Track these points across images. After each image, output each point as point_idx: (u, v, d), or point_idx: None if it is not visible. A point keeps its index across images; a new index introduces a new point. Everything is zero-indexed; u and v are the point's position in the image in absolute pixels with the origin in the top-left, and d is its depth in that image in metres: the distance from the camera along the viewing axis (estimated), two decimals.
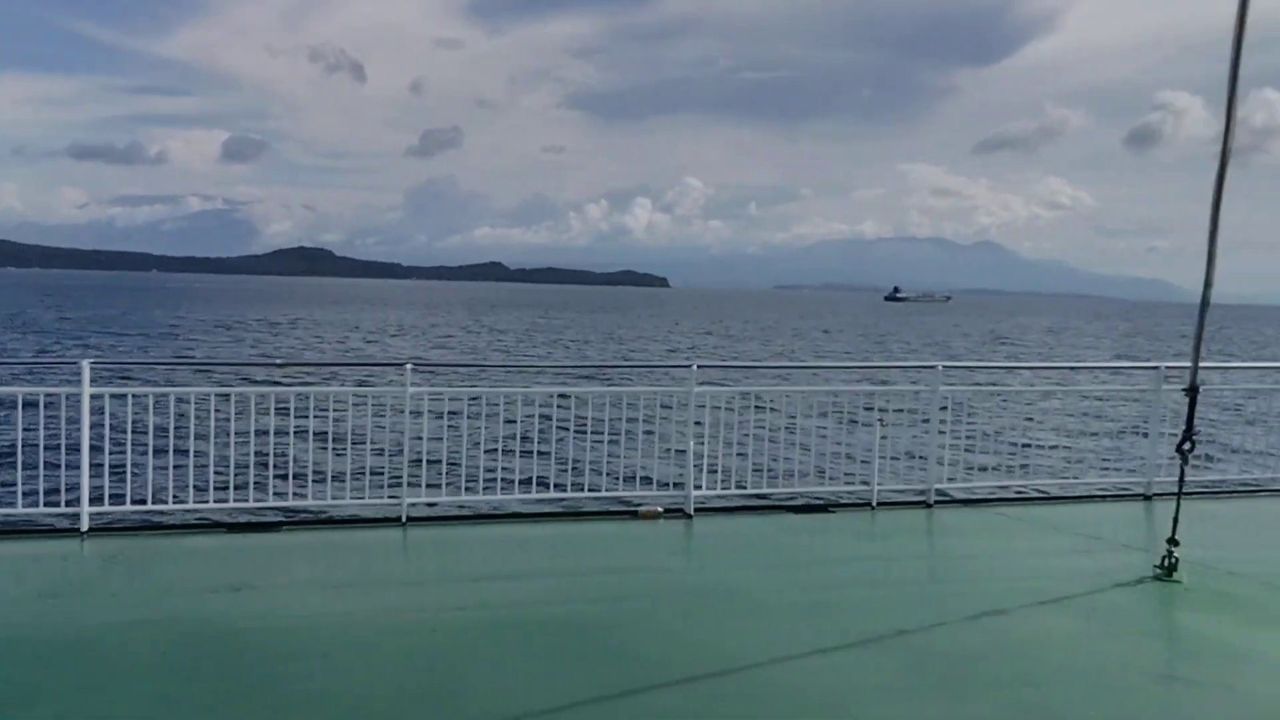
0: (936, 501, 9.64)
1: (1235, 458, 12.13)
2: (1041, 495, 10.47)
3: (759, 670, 5.32)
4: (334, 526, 8.59)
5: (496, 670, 5.24)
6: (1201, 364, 7.63)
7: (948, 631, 6.06)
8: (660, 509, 8.99)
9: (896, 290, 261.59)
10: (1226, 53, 6.81)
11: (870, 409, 9.78)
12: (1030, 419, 12.17)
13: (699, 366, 9.30)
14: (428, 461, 8.66)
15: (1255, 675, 5.48)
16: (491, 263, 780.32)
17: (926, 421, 9.78)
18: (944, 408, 9.79)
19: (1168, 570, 7.19)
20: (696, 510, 8.95)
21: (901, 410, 10.21)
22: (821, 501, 9.66)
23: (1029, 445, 11.41)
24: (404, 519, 8.41)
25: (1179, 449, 7.48)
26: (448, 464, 9.28)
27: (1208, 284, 7.16)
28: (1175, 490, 7.61)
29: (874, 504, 9.42)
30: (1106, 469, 10.91)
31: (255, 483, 8.37)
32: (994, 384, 11.88)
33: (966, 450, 10.22)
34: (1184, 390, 7.63)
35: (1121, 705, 5.02)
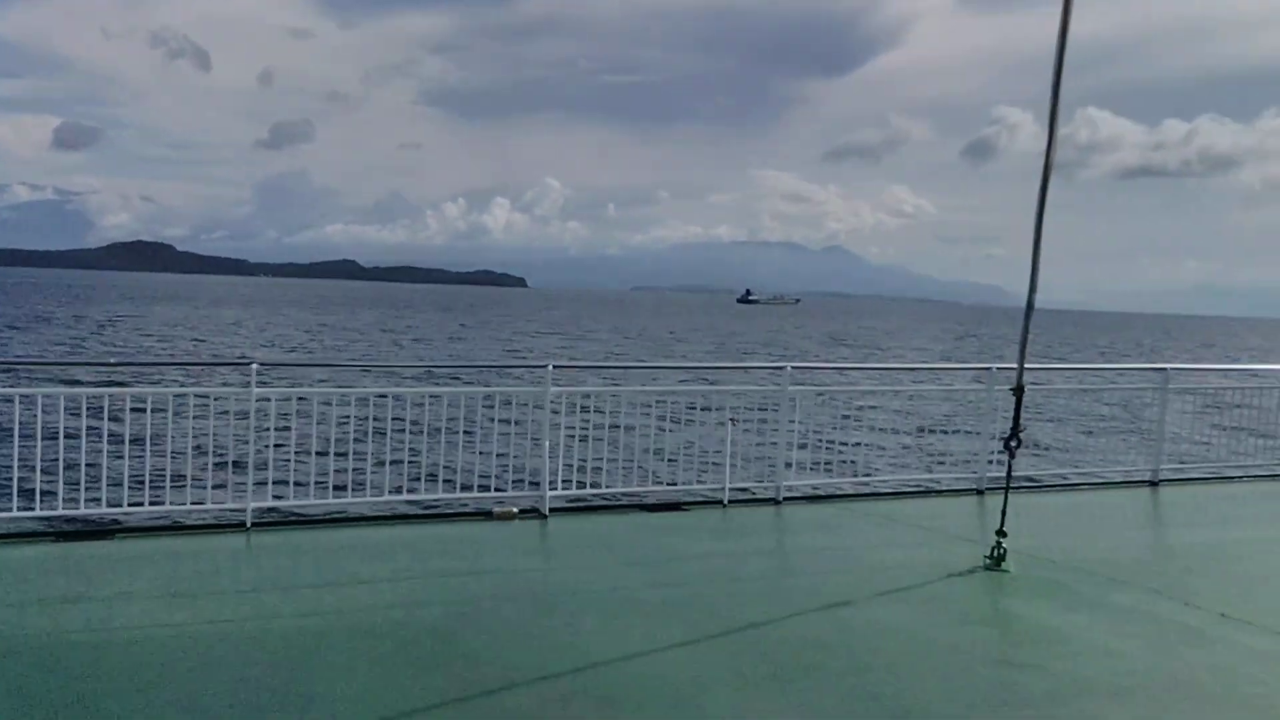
0: (785, 498, 9.93)
1: (1057, 453, 12.92)
2: (883, 491, 10.92)
3: (613, 668, 5.39)
4: (173, 533, 8.23)
5: (344, 679, 5.13)
6: (1027, 365, 8.13)
7: (794, 623, 6.28)
8: (515, 510, 8.97)
9: (749, 292, 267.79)
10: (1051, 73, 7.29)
11: (722, 408, 10.02)
12: (873, 418, 12.65)
13: (554, 367, 9.32)
14: (274, 464, 8.36)
15: (1071, 655, 5.87)
16: (345, 260, 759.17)
17: (776, 420, 10.06)
18: (793, 406, 10.10)
19: (997, 560, 7.62)
20: (552, 510, 8.97)
21: (752, 409, 10.48)
22: (675, 500, 9.83)
23: (872, 444, 11.89)
24: (248, 524, 8.13)
25: (1006, 445, 7.96)
26: (295, 467, 9.01)
27: (1032, 290, 7.64)
28: (1004, 484, 8.12)
29: (725, 501, 9.64)
30: (943, 465, 11.44)
31: (87, 489, 7.95)
32: (840, 385, 12.35)
33: (814, 448, 10.56)
34: (1011, 390, 8.11)
35: (955, 689, 5.30)
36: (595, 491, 9.58)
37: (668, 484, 9.91)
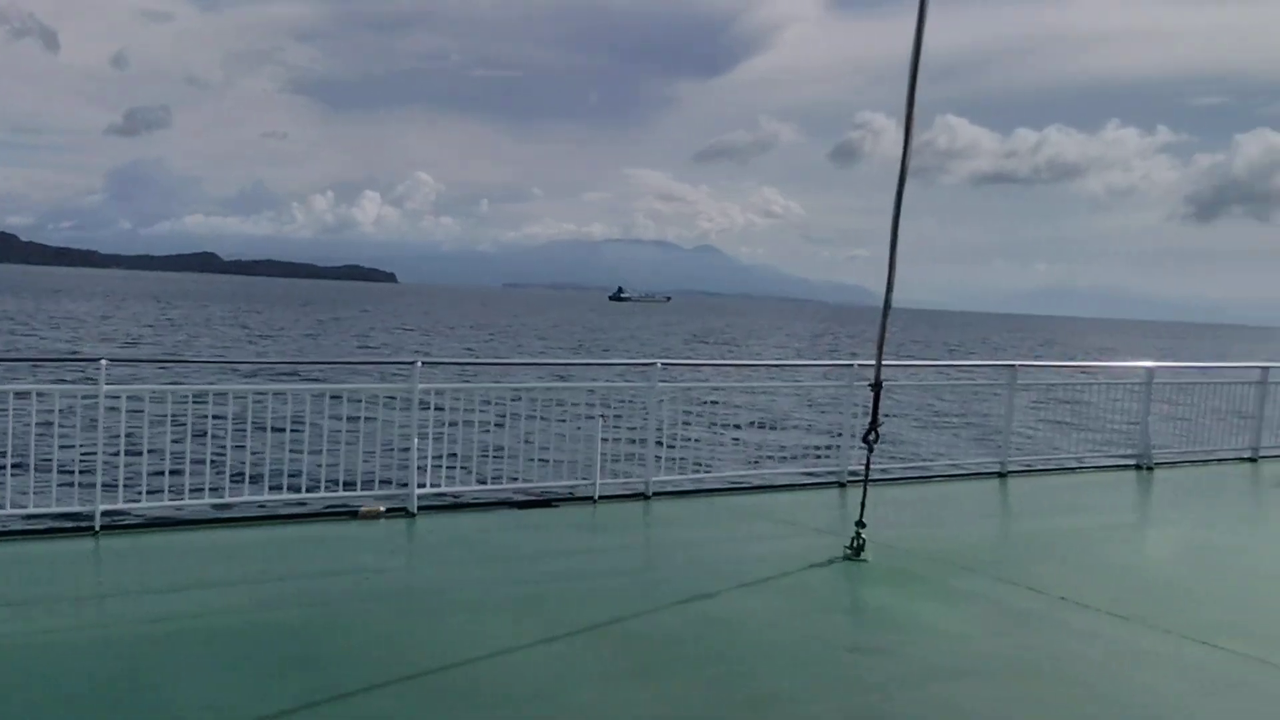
0: (655, 494, 10.04)
1: (913, 447, 13.44)
2: (749, 486, 11.15)
3: (475, 666, 5.37)
4: (13, 539, 7.80)
5: (197, 685, 4.97)
6: (885, 363, 8.44)
7: (657, 617, 6.37)
8: (382, 508, 8.82)
9: (621, 290, 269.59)
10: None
11: (593, 405, 10.06)
12: (740, 415, 12.93)
13: (424, 363, 9.20)
14: (125, 465, 8.00)
15: (919, 640, 6.14)
16: (203, 253, 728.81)
17: (645, 417, 10.16)
18: (661, 402, 10.23)
19: (856, 550, 7.89)
20: (420, 509, 8.86)
21: (622, 406, 10.57)
22: (545, 497, 9.83)
23: (738, 439, 12.14)
24: (97, 528, 7.77)
25: (865, 439, 8.24)
26: (149, 468, 8.64)
27: (889, 290, 7.93)
28: (864, 478, 8.41)
29: (595, 498, 9.69)
30: (808, 459, 11.76)
31: None
32: (708, 382, 12.57)
33: (682, 444, 10.72)
34: (869, 386, 8.41)
35: (810, 675, 5.48)
36: (464, 489, 9.50)
37: (539, 481, 9.90)
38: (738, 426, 13.27)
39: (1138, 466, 12.98)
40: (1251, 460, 14.14)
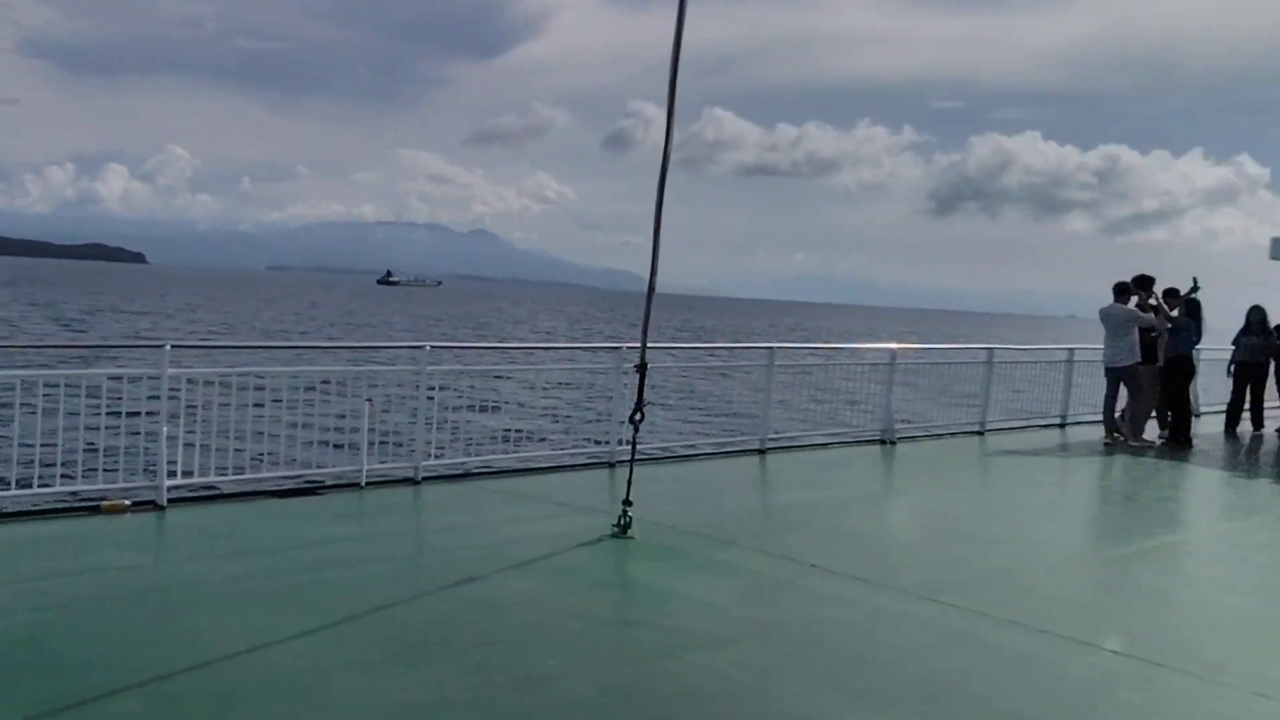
0: (424, 478, 9.92)
1: (680, 425, 13.91)
2: (520, 468, 11.20)
3: (229, 662, 5.15)
4: None
5: None
6: (651, 345, 8.69)
7: (423, 603, 6.32)
8: (128, 502, 8.27)
9: (389, 274, 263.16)
10: (687, 72, 7.80)
11: (360, 388, 9.82)
12: (511, 397, 12.96)
13: (173, 346, 8.67)
14: None
15: (680, 612, 6.40)
16: None
17: (415, 400, 10.01)
18: (431, 387, 10.11)
19: (623, 529, 8.10)
20: (171, 501, 8.36)
21: (390, 389, 10.36)
22: (309, 484, 9.51)
23: (509, 423, 12.15)
24: None
25: (630, 419, 8.47)
26: None
27: (653, 274, 8.18)
28: (630, 457, 8.65)
29: (363, 484, 9.46)
30: (577, 440, 11.94)
31: None
32: (479, 364, 12.53)
33: (453, 427, 10.64)
34: (635, 367, 8.64)
35: (574, 652, 5.60)
36: (221, 479, 9.05)
37: (302, 467, 9.57)
38: (509, 409, 13.29)
39: (883, 442, 13.96)
40: (979, 434, 15.54)
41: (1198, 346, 16.10)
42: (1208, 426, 17.25)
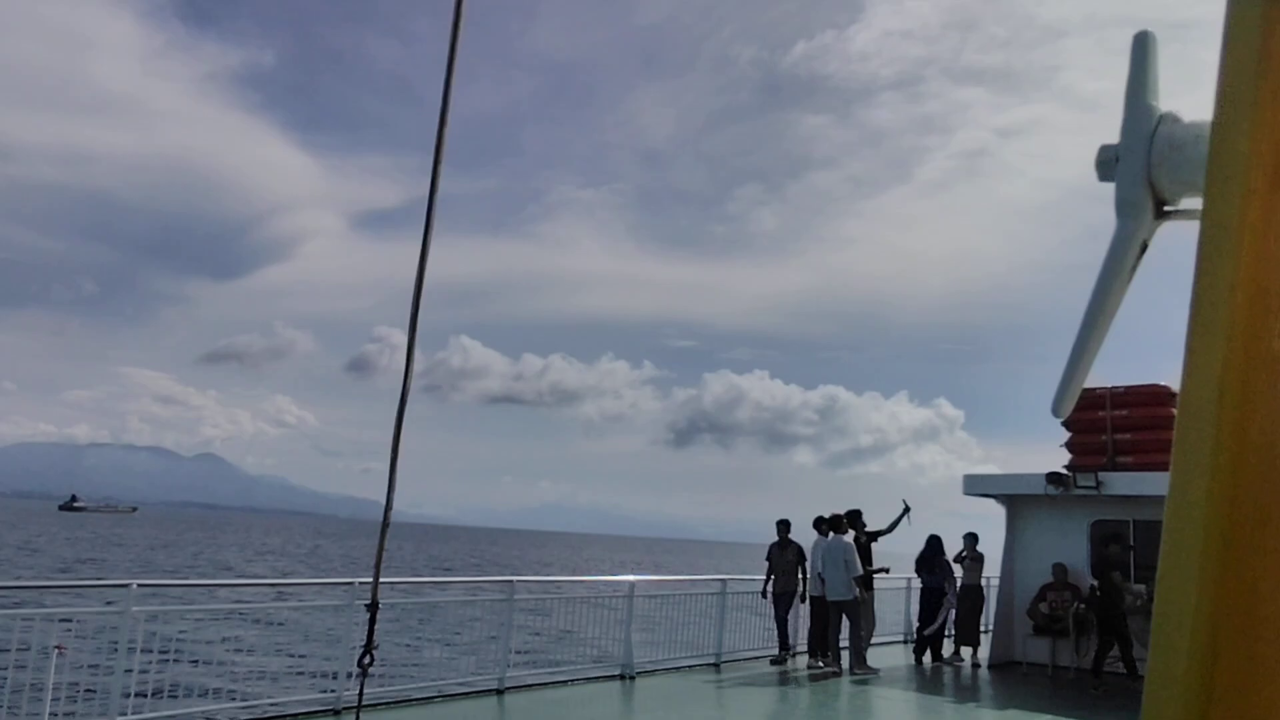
0: None
1: (415, 667, 13.23)
2: (237, 714, 10.22)
3: None
4: None
5: None
6: (384, 580, 8.38)
7: None
8: None
9: (74, 499, 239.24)
10: (435, 301, 7.97)
11: (48, 635, 8.79)
12: (229, 638, 11.97)
13: None
14: None
15: None
16: None
17: (115, 645, 9.04)
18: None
19: None
20: None
21: (86, 635, 9.34)
22: None
23: (225, 665, 11.17)
24: None
25: (359, 663, 8.01)
26: None
27: (388, 507, 7.98)
28: (357, 704, 8.11)
29: None
30: (302, 685, 11.08)
31: None
32: (195, 604, 11.56)
33: (158, 671, 9.64)
34: (365, 606, 8.26)
35: None
36: None
37: None
38: (228, 650, 12.22)
39: (622, 677, 13.78)
40: (715, 666, 15.62)
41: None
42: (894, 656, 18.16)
